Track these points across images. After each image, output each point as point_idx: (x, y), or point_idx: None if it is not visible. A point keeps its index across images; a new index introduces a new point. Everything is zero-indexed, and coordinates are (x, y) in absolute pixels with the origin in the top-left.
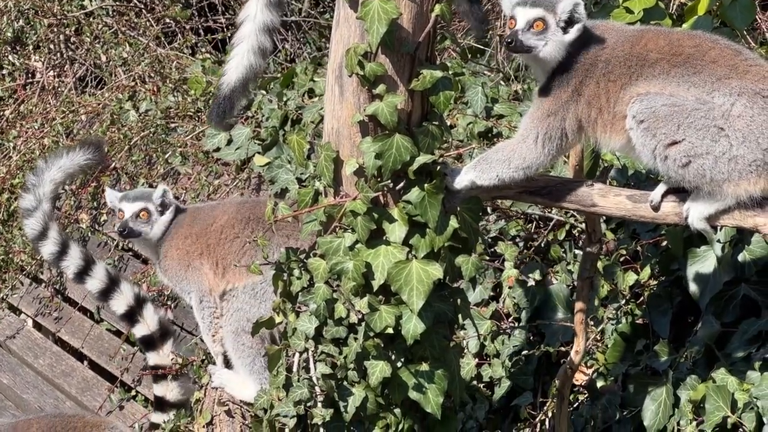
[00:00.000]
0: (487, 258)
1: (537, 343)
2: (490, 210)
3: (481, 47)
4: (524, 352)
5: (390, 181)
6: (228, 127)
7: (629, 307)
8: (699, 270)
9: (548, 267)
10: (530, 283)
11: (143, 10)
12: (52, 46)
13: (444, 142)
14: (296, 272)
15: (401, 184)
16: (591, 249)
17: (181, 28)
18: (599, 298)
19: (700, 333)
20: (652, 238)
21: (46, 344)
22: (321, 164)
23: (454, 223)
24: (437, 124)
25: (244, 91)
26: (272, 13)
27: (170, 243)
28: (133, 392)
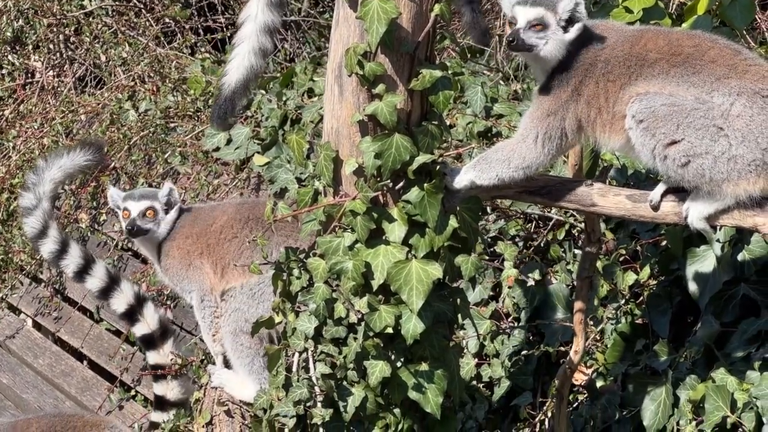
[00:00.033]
0: (487, 258)
1: (536, 342)
2: (490, 209)
3: (481, 47)
4: (524, 352)
5: (389, 181)
6: (228, 127)
7: (629, 306)
8: (698, 270)
9: (548, 267)
10: (530, 283)
11: (143, 10)
12: (51, 46)
13: (443, 142)
14: (296, 272)
15: (401, 184)
16: (590, 248)
17: (181, 27)
18: (599, 298)
19: (700, 333)
20: (652, 238)
21: (45, 344)
22: (320, 164)
23: (453, 223)
24: (437, 123)
25: (245, 91)
26: (273, 14)
27: (172, 242)
28: (133, 392)
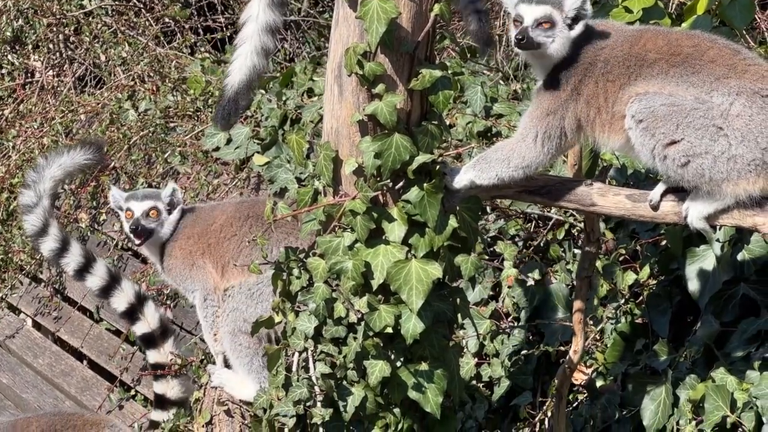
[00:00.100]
0: (487, 257)
1: (536, 342)
2: (490, 209)
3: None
4: (523, 352)
5: (389, 181)
6: (231, 127)
7: (628, 306)
8: (698, 269)
9: (547, 266)
10: (529, 283)
11: (142, 10)
12: (51, 46)
13: (443, 142)
14: (295, 272)
15: (400, 184)
16: (590, 248)
17: (181, 27)
18: (598, 298)
19: (700, 332)
20: (652, 238)
21: (45, 344)
22: (320, 164)
23: (453, 223)
24: (436, 123)
25: (248, 92)
26: (275, 14)
27: (174, 243)
28: (133, 392)
